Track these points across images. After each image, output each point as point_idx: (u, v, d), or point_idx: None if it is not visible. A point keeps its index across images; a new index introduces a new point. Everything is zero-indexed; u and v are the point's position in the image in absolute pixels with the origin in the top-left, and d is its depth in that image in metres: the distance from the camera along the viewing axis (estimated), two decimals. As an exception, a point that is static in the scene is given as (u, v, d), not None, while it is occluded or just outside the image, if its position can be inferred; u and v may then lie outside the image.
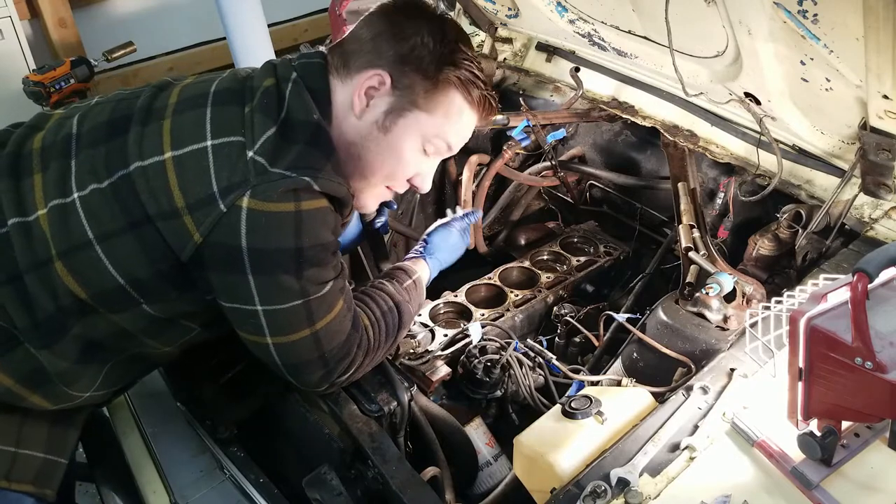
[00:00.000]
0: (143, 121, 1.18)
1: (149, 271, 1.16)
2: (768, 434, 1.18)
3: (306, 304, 1.17)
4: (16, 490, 1.26)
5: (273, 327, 1.18)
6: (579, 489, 1.14)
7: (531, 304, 1.96)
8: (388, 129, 1.24)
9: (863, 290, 1.00)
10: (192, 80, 1.27)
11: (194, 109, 1.17)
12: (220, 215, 1.09)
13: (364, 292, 1.40)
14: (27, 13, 3.82)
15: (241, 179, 1.10)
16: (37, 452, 1.28)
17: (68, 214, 1.15)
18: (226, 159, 1.11)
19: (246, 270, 1.12)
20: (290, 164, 1.12)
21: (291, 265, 1.14)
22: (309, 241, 1.14)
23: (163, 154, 1.13)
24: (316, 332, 1.20)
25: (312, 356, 1.22)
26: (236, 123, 1.14)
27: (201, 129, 1.14)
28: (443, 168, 2.44)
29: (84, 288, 1.17)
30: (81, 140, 1.20)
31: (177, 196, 1.11)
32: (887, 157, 1.57)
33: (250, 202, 1.09)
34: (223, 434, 1.55)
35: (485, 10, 2.47)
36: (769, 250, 1.87)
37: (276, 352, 1.21)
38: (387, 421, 1.47)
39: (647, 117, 2.22)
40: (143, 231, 1.13)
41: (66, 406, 1.30)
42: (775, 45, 1.54)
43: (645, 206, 2.34)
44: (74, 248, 1.15)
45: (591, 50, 2.29)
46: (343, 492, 1.34)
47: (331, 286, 1.20)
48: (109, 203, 1.14)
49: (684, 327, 1.59)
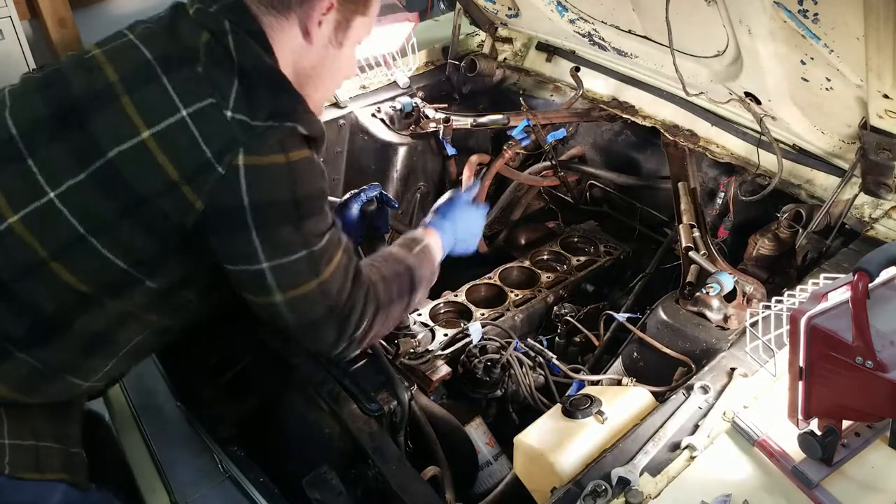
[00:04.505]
0: (97, 107, 1.17)
1: (152, 249, 1.17)
2: (769, 433, 1.18)
3: (310, 254, 1.19)
4: (50, 479, 1.26)
5: (280, 282, 1.19)
6: (580, 488, 1.13)
7: (531, 304, 1.96)
8: (342, 44, 1.31)
9: (863, 290, 1.00)
10: (110, 53, 1.24)
11: (149, 83, 1.16)
12: (220, 178, 1.11)
13: (372, 257, 1.42)
14: (27, 13, 3.81)
15: (231, 140, 1.12)
16: (53, 444, 1.28)
17: (50, 214, 1.14)
18: (208, 124, 1.12)
19: (250, 228, 1.14)
20: (269, 114, 1.15)
21: (292, 216, 1.17)
22: (304, 189, 1.17)
23: (139, 134, 1.12)
24: (322, 283, 1.21)
25: (322, 309, 1.23)
26: (200, 86, 1.15)
27: (170, 101, 1.14)
28: (443, 168, 2.44)
29: (85, 281, 1.17)
30: (29, 139, 1.18)
31: (170, 170, 1.11)
32: (888, 156, 1.57)
33: (246, 159, 1.11)
34: (223, 434, 1.55)
35: (485, 9, 2.47)
36: (769, 250, 1.87)
37: (286, 310, 1.21)
38: (387, 420, 1.47)
39: (648, 117, 2.22)
40: (139, 212, 1.14)
41: (67, 398, 1.30)
42: (776, 45, 1.54)
43: (645, 206, 2.34)
44: (68, 245, 1.14)
45: (591, 50, 2.29)
46: (343, 491, 1.34)
47: (329, 237, 1.23)
48: (93, 194, 1.14)
49: (684, 327, 1.59)
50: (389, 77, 2.43)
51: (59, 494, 1.26)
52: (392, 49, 2.41)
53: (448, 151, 2.37)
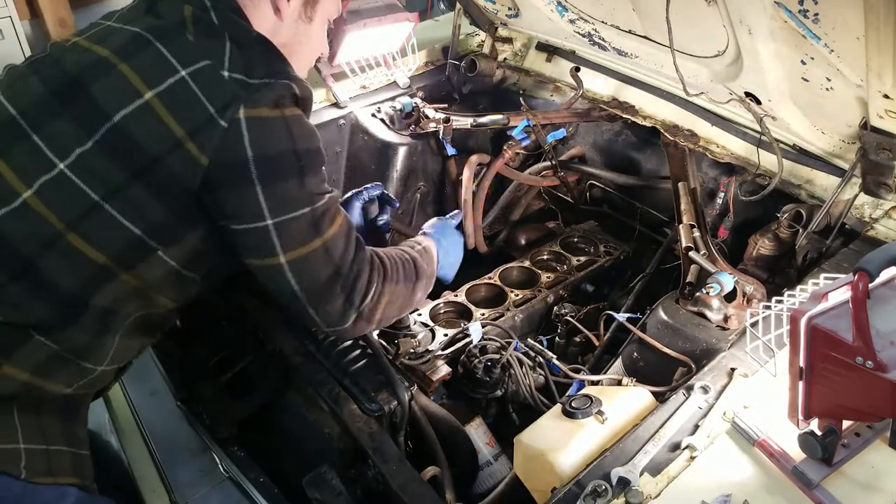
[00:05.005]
0: (96, 76, 1.18)
1: (164, 211, 1.18)
2: (769, 433, 1.18)
3: (313, 211, 1.21)
4: (62, 483, 1.25)
5: (285, 241, 1.20)
6: (580, 488, 1.13)
7: (531, 304, 1.96)
8: (311, 18, 1.35)
9: (864, 290, 1.00)
10: (94, 37, 1.25)
11: (145, 49, 1.18)
12: (223, 132, 1.13)
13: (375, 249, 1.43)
14: (27, 13, 3.81)
15: (232, 95, 1.14)
16: (63, 447, 1.28)
17: (62, 185, 1.15)
18: (208, 82, 1.15)
19: (254, 181, 1.16)
20: (265, 73, 1.18)
21: (295, 169, 1.19)
22: (303, 143, 1.20)
23: (142, 95, 1.14)
24: (325, 243, 1.23)
25: (328, 270, 1.24)
26: (195, 50, 1.17)
27: (168, 63, 1.16)
28: (443, 168, 2.44)
29: (102, 251, 1.18)
30: (30, 115, 1.19)
31: (174, 127, 1.13)
32: (888, 156, 1.57)
33: (247, 112, 1.14)
34: (223, 434, 1.55)
35: (485, 9, 2.47)
36: (769, 250, 1.87)
37: (291, 273, 1.22)
38: (387, 420, 1.47)
39: (648, 117, 2.22)
40: (149, 174, 1.15)
41: (78, 387, 1.30)
42: (776, 45, 1.54)
43: (645, 206, 2.34)
44: (83, 214, 1.16)
45: (591, 50, 2.29)
46: (343, 491, 1.34)
47: (330, 197, 1.26)
48: (102, 160, 1.15)
49: (685, 327, 1.59)
50: (389, 77, 2.43)
51: (71, 499, 1.26)
52: (392, 49, 2.41)
53: (448, 151, 2.37)
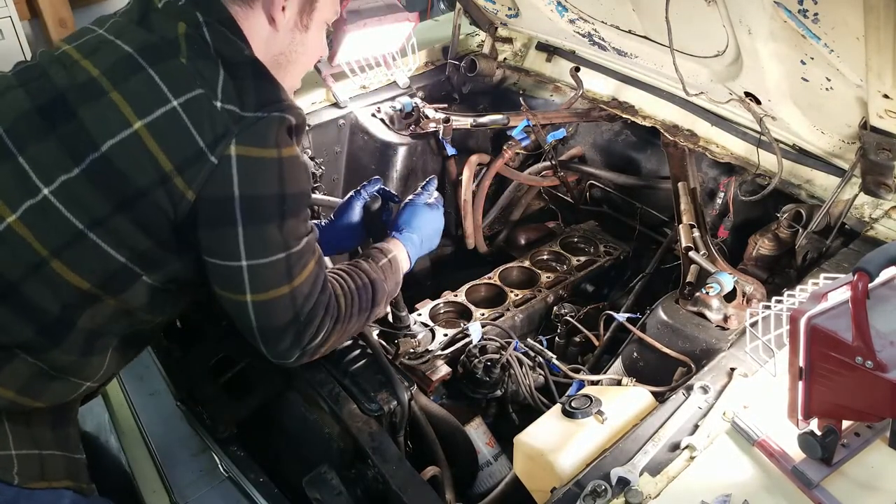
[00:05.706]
0: (84, 99, 1.16)
1: (148, 241, 1.17)
2: (769, 433, 1.18)
3: (288, 257, 1.20)
4: (56, 487, 1.25)
5: (255, 284, 1.19)
6: (579, 488, 1.13)
7: (531, 304, 1.96)
8: (307, 26, 1.32)
9: (863, 290, 1.00)
10: (84, 48, 1.23)
11: (136, 73, 1.15)
12: (212, 168, 1.11)
13: (339, 268, 1.42)
14: (27, 13, 3.81)
15: (224, 130, 1.12)
16: (55, 451, 1.28)
17: (46, 212, 1.13)
18: (199, 114, 1.12)
19: (237, 221, 1.14)
20: (257, 104, 1.15)
21: (276, 213, 1.17)
22: (292, 187, 1.18)
23: (131, 125, 1.12)
24: (293, 290, 1.21)
25: (287, 316, 1.22)
26: (187, 77, 1.15)
27: (159, 91, 1.13)
28: (443, 168, 2.44)
29: (86, 278, 1.16)
30: (16, 134, 1.17)
31: (163, 161, 1.11)
32: (888, 156, 1.57)
33: (238, 149, 1.12)
34: (223, 434, 1.55)
35: (485, 9, 2.47)
36: (769, 250, 1.87)
37: (253, 311, 1.21)
38: (387, 420, 1.47)
39: (647, 117, 2.22)
40: (136, 206, 1.13)
41: (69, 398, 1.30)
42: (776, 45, 1.54)
43: (645, 206, 2.34)
44: (67, 243, 1.14)
45: (591, 50, 2.29)
46: (343, 491, 1.34)
47: (306, 241, 1.24)
48: (88, 189, 1.13)
49: (684, 327, 1.59)
50: (389, 77, 2.43)
51: (66, 501, 1.26)
52: (392, 49, 2.41)
53: (448, 151, 2.37)
